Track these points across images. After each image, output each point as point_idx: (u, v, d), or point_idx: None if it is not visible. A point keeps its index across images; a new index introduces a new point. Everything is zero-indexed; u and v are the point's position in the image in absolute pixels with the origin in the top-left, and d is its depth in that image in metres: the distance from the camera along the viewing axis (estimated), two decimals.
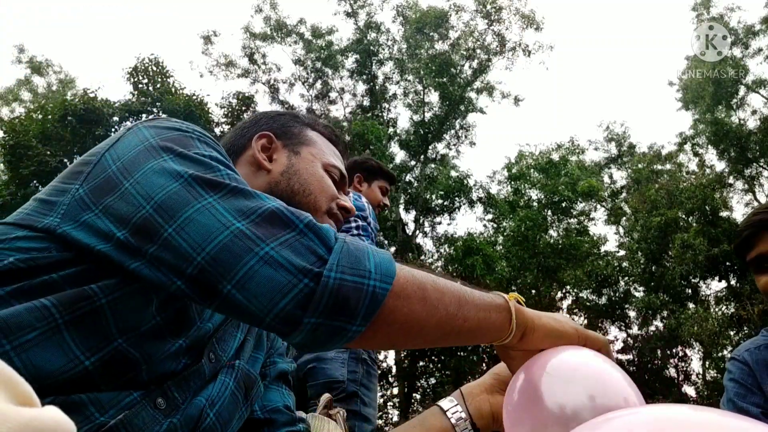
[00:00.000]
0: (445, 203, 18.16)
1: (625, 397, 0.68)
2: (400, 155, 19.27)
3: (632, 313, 18.48)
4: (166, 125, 0.78)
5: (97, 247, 0.66)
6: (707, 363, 16.89)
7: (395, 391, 16.94)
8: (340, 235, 0.67)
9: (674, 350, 17.62)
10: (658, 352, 17.53)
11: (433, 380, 16.38)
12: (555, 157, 19.66)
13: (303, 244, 0.64)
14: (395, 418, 16.33)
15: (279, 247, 0.63)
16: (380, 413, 17.24)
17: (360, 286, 0.62)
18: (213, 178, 0.69)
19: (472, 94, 19.00)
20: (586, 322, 18.73)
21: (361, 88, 19.57)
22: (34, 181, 13.04)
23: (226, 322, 0.87)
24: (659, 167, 20.79)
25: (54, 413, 0.27)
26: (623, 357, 18.78)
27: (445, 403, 0.94)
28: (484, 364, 16.22)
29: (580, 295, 18.66)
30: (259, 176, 1.00)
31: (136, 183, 0.68)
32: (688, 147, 20.50)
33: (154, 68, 15.90)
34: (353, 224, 2.75)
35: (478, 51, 18.73)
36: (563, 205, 17.85)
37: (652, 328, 18.04)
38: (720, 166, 19.64)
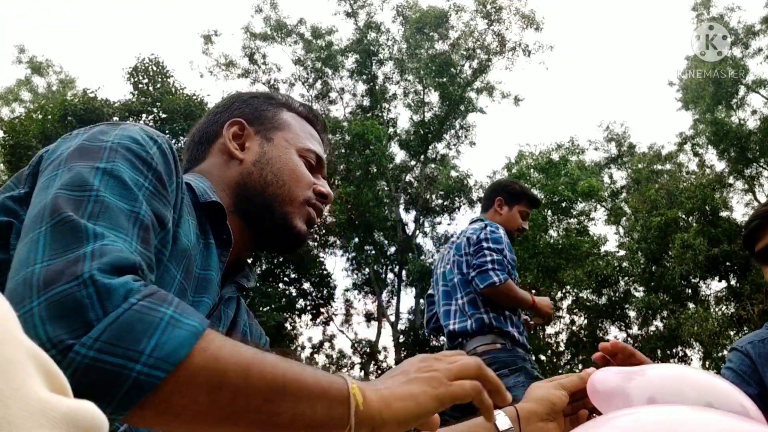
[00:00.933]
0: (445, 203, 18.16)
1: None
2: (400, 155, 19.28)
3: (632, 313, 18.47)
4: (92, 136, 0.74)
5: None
6: (707, 363, 16.88)
7: None
8: (135, 296, 0.54)
9: (674, 350, 17.61)
10: (658, 352, 17.51)
11: None
12: (555, 157, 19.67)
13: (74, 302, 0.52)
14: None
15: (44, 304, 0.52)
16: None
17: (120, 370, 0.50)
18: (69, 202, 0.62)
19: (472, 94, 19.00)
20: (586, 322, 18.74)
21: (361, 88, 19.58)
22: None
23: None
24: (659, 167, 20.78)
25: (90, 406, 0.27)
26: None
27: (500, 420, 0.87)
28: None
29: (580, 295, 18.65)
30: (231, 166, 0.96)
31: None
32: (688, 147, 20.50)
33: (155, 68, 15.90)
34: (488, 257, 2.65)
35: (478, 51, 18.73)
36: (563, 205, 17.85)
37: (652, 328, 18.04)
38: (720, 166, 19.64)
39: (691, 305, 16.95)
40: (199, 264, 0.84)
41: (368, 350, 17.16)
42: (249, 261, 1.06)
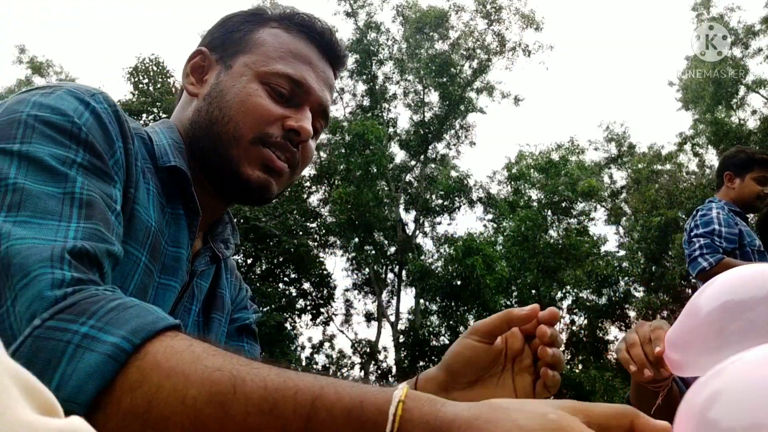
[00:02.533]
0: (445, 203, 18.16)
1: None
2: (400, 155, 19.28)
3: (632, 313, 18.46)
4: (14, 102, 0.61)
5: None
6: None
7: None
8: (41, 316, 0.44)
9: None
10: None
11: None
12: (555, 157, 19.67)
13: None
14: None
15: None
16: None
17: None
18: None
19: (472, 94, 19.00)
20: (586, 322, 18.74)
21: (361, 88, 19.57)
22: None
23: (177, 305, 0.76)
24: (659, 167, 20.79)
25: (80, 424, 0.26)
26: None
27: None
28: None
29: (580, 295, 18.65)
30: (190, 106, 0.82)
31: None
32: (688, 147, 20.50)
33: (155, 68, 15.90)
34: (696, 245, 2.48)
35: (478, 51, 18.73)
36: (563, 205, 17.86)
37: None
38: None
39: None
40: (168, 239, 0.73)
41: (368, 350, 17.15)
42: (230, 219, 0.91)
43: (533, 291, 17.65)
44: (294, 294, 17.58)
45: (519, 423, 0.39)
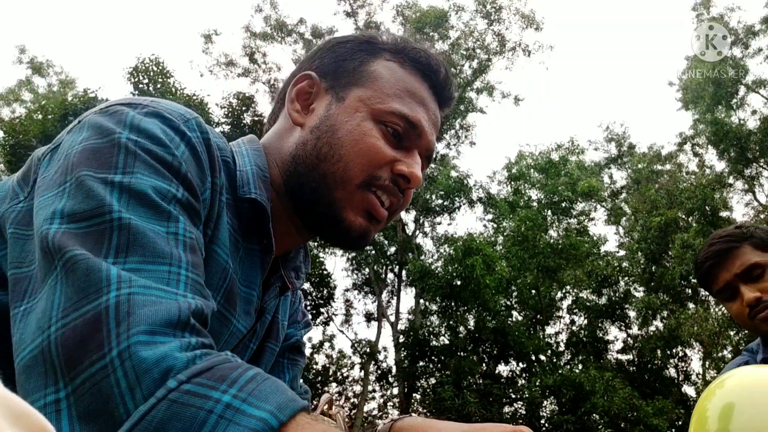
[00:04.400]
0: (445, 203, 18.15)
1: None
2: None
3: (632, 313, 18.46)
4: (107, 123, 0.57)
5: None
6: (707, 363, 16.88)
7: (395, 391, 16.93)
8: (177, 376, 0.42)
9: (674, 350, 17.60)
10: (658, 352, 17.51)
11: (433, 380, 16.37)
12: (555, 157, 19.68)
13: (102, 394, 0.41)
14: None
15: (72, 399, 0.41)
16: (380, 413, 17.23)
17: None
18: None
19: (472, 94, 19.00)
20: (586, 322, 18.73)
21: None
22: None
23: (239, 344, 0.72)
24: (659, 167, 20.79)
25: None
26: (623, 357, 18.78)
27: None
28: (484, 364, 16.22)
29: (580, 295, 18.65)
30: (292, 135, 0.75)
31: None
32: (688, 147, 20.51)
33: (155, 68, 15.91)
34: None
35: (478, 51, 18.73)
36: (563, 205, 17.85)
37: (652, 328, 18.03)
38: (720, 166, 19.65)
39: (691, 305, 16.95)
40: (241, 278, 0.68)
41: (368, 350, 17.15)
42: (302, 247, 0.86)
43: (533, 291, 17.65)
44: None
45: None
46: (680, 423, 14.00)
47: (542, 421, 15.09)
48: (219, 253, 0.63)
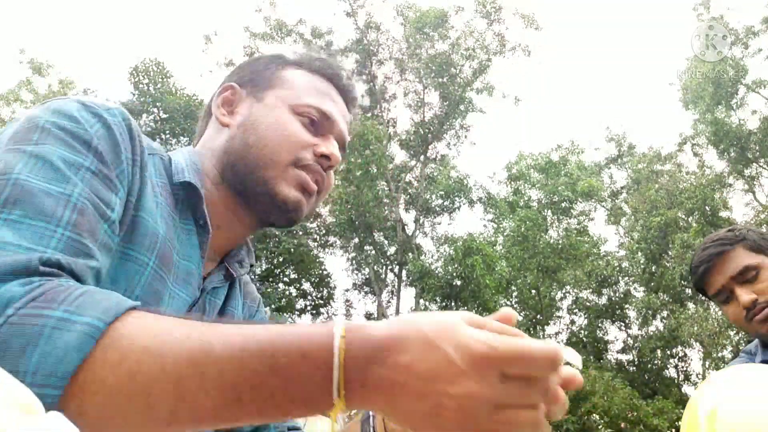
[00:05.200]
0: (445, 203, 18.16)
1: None
2: (400, 155, 19.29)
3: (632, 313, 18.47)
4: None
5: None
6: (707, 363, 16.88)
7: None
8: (15, 305, 0.47)
9: (674, 350, 17.61)
10: (658, 352, 17.52)
11: None
12: (555, 157, 19.68)
13: None
14: None
15: None
16: None
17: None
18: None
19: (472, 94, 19.01)
20: (586, 322, 18.74)
21: (361, 88, 19.57)
22: None
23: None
24: (659, 167, 20.79)
25: (58, 420, 0.27)
26: (623, 357, 18.79)
27: None
28: None
29: (580, 295, 18.66)
30: (221, 135, 0.87)
31: None
32: (688, 147, 20.51)
33: (155, 68, 15.91)
34: None
35: (478, 51, 18.73)
36: (563, 205, 17.86)
37: (652, 328, 18.04)
38: (720, 166, 19.64)
39: (691, 305, 16.95)
40: (179, 252, 0.77)
41: None
42: (249, 242, 0.95)
43: (533, 291, 17.66)
44: (294, 294, 17.58)
45: (422, 328, 0.48)
46: (680, 423, 14.00)
47: None
48: (146, 219, 0.70)
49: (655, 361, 17.93)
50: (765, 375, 0.92)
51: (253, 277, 1.03)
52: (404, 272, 17.40)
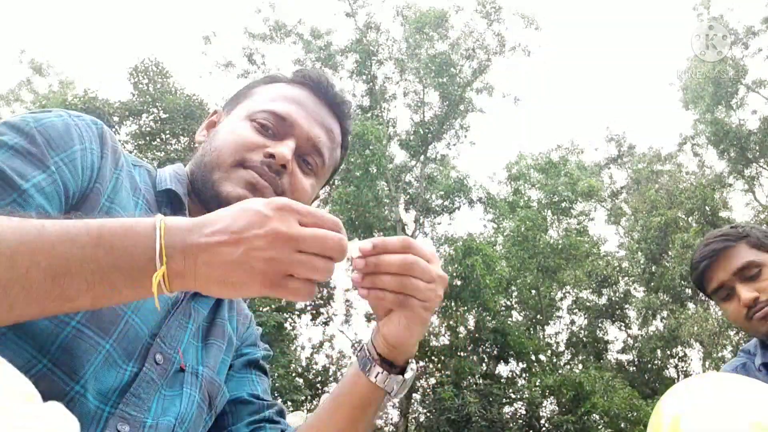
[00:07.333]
0: (445, 203, 18.15)
1: None
2: (400, 155, 19.28)
3: (632, 313, 18.47)
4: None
5: None
6: (707, 363, 16.89)
7: None
8: None
9: (674, 350, 17.62)
10: (658, 352, 17.52)
11: (433, 380, 16.38)
12: (555, 157, 19.67)
13: None
14: (395, 419, 16.34)
15: None
16: (380, 413, 17.22)
17: None
18: None
19: (472, 94, 19.00)
20: (586, 322, 18.74)
21: (361, 88, 19.57)
22: None
23: (169, 318, 0.80)
24: (659, 167, 20.79)
25: (58, 408, 0.28)
26: (623, 357, 18.79)
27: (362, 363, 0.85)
28: (483, 365, 16.22)
29: (580, 295, 18.66)
30: (198, 152, 0.94)
31: None
32: (688, 147, 20.51)
33: (155, 69, 15.90)
34: None
35: (478, 51, 18.73)
36: (563, 205, 17.85)
37: (652, 328, 18.04)
38: (720, 166, 19.65)
39: (691, 305, 16.96)
40: None
41: None
42: None
43: (533, 291, 17.65)
44: None
45: (234, 205, 0.60)
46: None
47: (542, 422, 15.09)
48: (120, 212, 0.76)
49: (655, 361, 17.93)
50: (729, 384, 0.95)
51: None
52: None
